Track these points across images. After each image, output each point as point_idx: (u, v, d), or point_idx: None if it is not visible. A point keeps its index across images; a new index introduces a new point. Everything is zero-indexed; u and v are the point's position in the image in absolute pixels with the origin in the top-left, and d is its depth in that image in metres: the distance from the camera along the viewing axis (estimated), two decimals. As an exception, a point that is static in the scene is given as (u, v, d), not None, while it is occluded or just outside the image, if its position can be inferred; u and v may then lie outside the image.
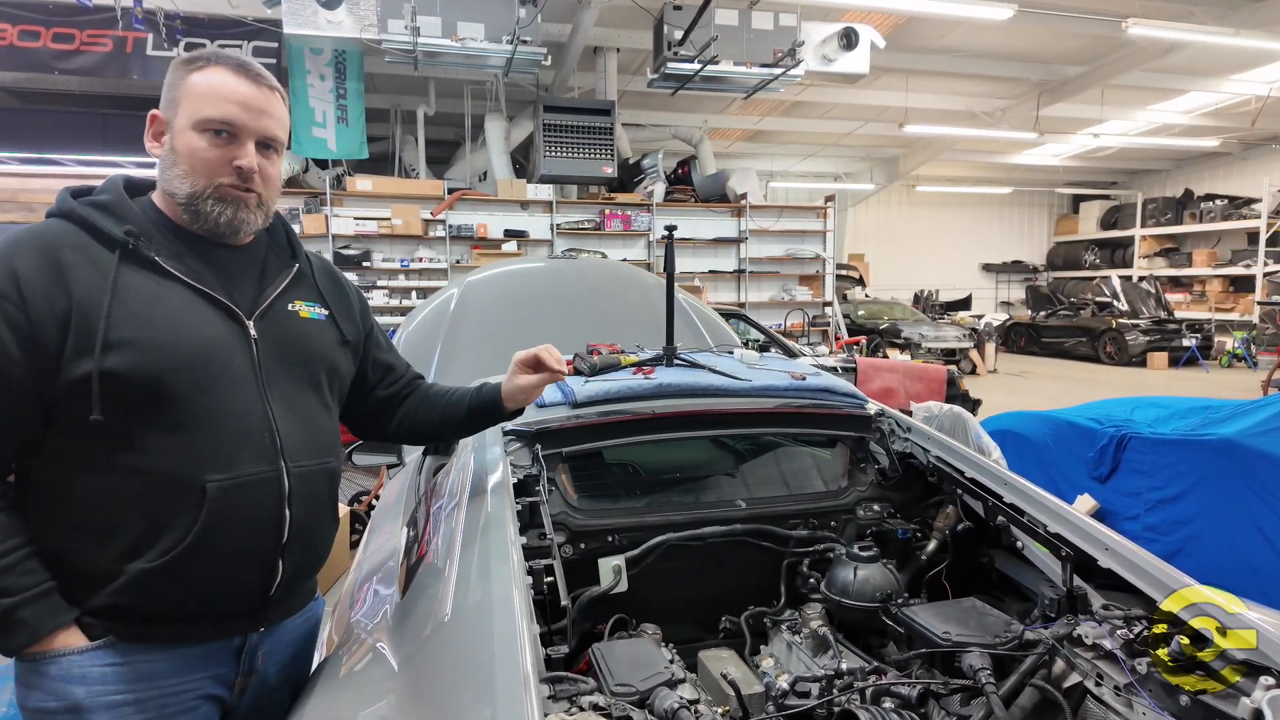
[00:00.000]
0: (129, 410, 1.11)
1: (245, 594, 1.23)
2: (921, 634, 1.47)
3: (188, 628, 1.19)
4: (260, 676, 1.29)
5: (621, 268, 4.10)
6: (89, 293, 1.11)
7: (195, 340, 1.17)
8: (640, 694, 1.20)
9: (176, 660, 1.18)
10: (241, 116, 1.21)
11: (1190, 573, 3.54)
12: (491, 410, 1.60)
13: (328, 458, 1.32)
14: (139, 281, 1.15)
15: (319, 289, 1.40)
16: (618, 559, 1.79)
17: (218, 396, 1.17)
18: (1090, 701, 1.34)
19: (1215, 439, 3.24)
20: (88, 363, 1.08)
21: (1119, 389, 11.26)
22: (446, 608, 1.26)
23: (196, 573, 1.15)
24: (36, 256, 1.11)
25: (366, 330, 1.51)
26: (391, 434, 1.62)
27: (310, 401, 1.32)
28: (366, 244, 9.59)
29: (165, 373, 1.12)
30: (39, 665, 1.12)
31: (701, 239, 11.18)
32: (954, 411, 3.49)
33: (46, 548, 1.13)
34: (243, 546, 1.19)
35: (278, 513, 1.21)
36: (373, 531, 2.47)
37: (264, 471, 1.20)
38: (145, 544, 1.13)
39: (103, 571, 1.13)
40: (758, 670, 1.71)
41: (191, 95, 1.20)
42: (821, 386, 2.08)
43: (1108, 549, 1.45)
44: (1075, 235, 20.62)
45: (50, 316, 1.09)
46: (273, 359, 1.26)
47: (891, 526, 1.98)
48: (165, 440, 1.13)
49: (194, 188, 1.20)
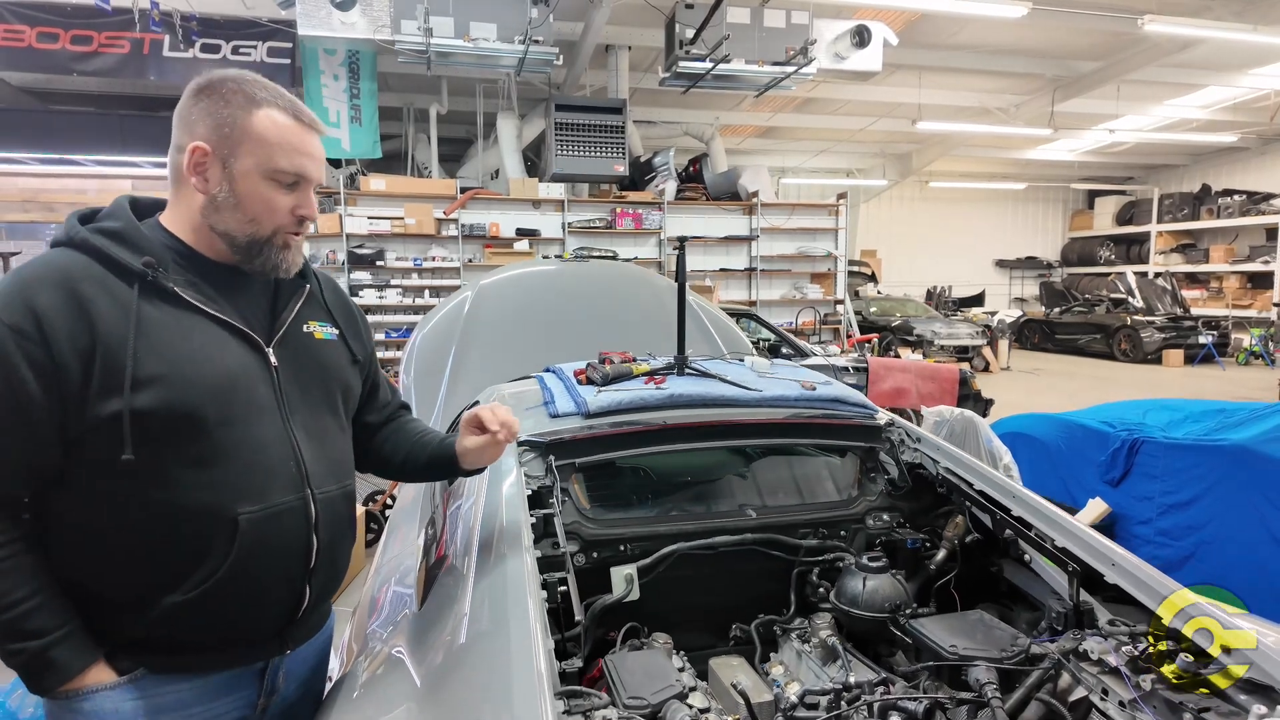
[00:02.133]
0: (159, 447, 1.11)
1: (274, 619, 1.25)
2: (929, 646, 1.49)
3: (218, 656, 1.21)
4: (281, 693, 1.31)
5: (632, 270, 4.12)
6: (112, 328, 1.09)
7: (220, 372, 1.16)
8: (652, 707, 1.23)
9: (204, 688, 1.20)
10: (310, 168, 1.23)
11: (1202, 578, 3.53)
12: (448, 465, 1.53)
13: (347, 480, 1.34)
14: (160, 314, 1.14)
15: (328, 308, 1.40)
16: (630, 568, 1.82)
17: (244, 428, 1.17)
18: (1095, 716, 1.36)
19: (1228, 445, 3.23)
20: (117, 402, 1.07)
21: (1133, 387, 11.18)
22: (463, 623, 1.29)
23: (229, 602, 1.17)
24: (56, 293, 1.08)
25: (371, 351, 1.51)
26: (362, 461, 1.55)
27: (329, 425, 1.33)
28: (380, 243, 9.66)
29: (194, 408, 1.12)
30: (72, 703, 1.12)
31: (713, 237, 11.17)
32: (965, 416, 3.49)
33: (74, 581, 1.13)
34: (274, 574, 1.21)
35: (306, 539, 1.23)
36: (390, 535, 2.51)
37: (292, 501, 1.21)
38: (179, 577, 1.13)
39: (134, 604, 1.13)
40: (767, 678, 1.74)
41: (258, 140, 1.17)
42: (832, 397, 2.10)
43: (1114, 564, 1.47)
44: (1090, 231, 20.44)
45: (73, 354, 1.07)
46: (292, 385, 1.26)
47: (901, 536, 2.00)
48: (196, 475, 1.13)
49: (258, 233, 1.21)
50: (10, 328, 1.05)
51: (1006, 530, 1.74)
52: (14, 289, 1.08)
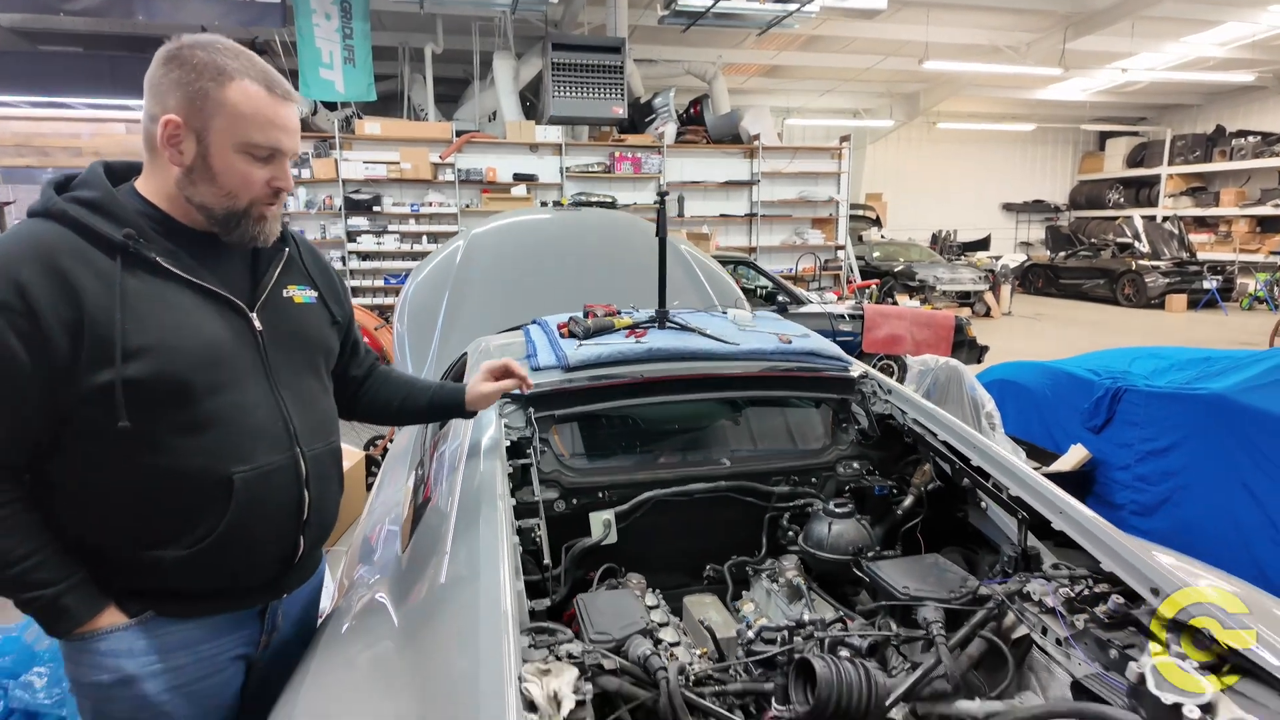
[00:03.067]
0: (151, 414, 1.14)
1: (270, 568, 1.32)
2: (883, 588, 1.58)
3: (220, 601, 1.28)
4: (280, 631, 1.41)
5: (626, 219, 4.12)
6: (97, 302, 1.11)
7: (206, 340, 1.19)
8: (616, 642, 1.31)
9: (210, 629, 1.28)
10: (285, 142, 1.23)
11: (1174, 523, 3.64)
12: (453, 409, 1.68)
13: (333, 437, 1.40)
14: (142, 285, 1.15)
15: (308, 271, 1.42)
16: (608, 513, 1.91)
17: (232, 392, 1.21)
18: (1035, 651, 1.46)
19: (1206, 394, 3.29)
20: (109, 373, 1.10)
21: (1133, 333, 11.19)
22: (442, 565, 1.38)
23: (228, 555, 1.23)
24: (37, 267, 1.09)
25: (349, 312, 1.54)
26: (353, 411, 1.65)
27: (313, 386, 1.37)
28: (376, 188, 9.59)
29: (183, 376, 1.15)
30: (87, 644, 1.19)
31: (713, 182, 11.06)
32: (949, 365, 3.55)
33: (79, 539, 1.18)
34: (269, 529, 1.28)
35: (298, 495, 1.29)
36: (384, 478, 2.61)
37: (282, 460, 1.26)
38: (179, 535, 1.19)
39: (138, 559, 1.19)
40: (738, 615, 1.84)
41: (230, 115, 1.17)
42: (807, 350, 2.15)
43: (1061, 512, 1.54)
44: (1100, 174, 20.08)
45: (60, 327, 1.09)
46: (276, 349, 1.29)
47: (870, 484, 2.08)
48: (189, 440, 1.17)
49: (234, 207, 1.22)
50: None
51: (965, 479, 1.81)
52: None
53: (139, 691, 1.22)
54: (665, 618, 1.76)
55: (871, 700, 1.21)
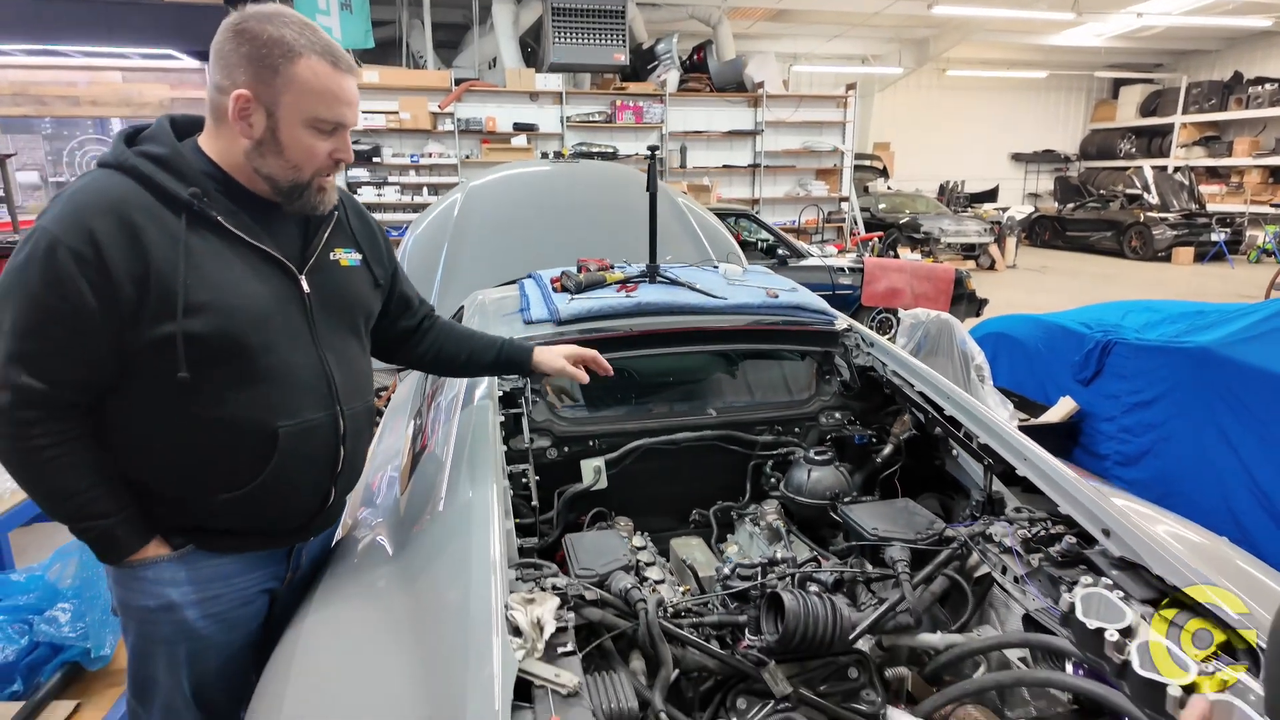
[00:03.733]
0: (208, 367, 1.21)
1: (303, 514, 1.41)
2: (854, 530, 1.67)
3: (255, 539, 1.38)
4: (302, 570, 1.52)
5: (622, 171, 4.13)
6: (163, 256, 1.17)
7: (260, 300, 1.25)
8: (600, 576, 1.41)
9: (244, 563, 1.38)
10: (349, 115, 1.28)
11: (1155, 473, 3.73)
12: (518, 366, 1.74)
13: (369, 396, 1.48)
14: (204, 243, 1.22)
15: (353, 233, 1.47)
16: (598, 460, 2.00)
17: (282, 352, 1.28)
18: (995, 589, 1.55)
19: (1192, 346, 3.35)
20: (170, 325, 1.16)
21: (1137, 286, 11.16)
22: (437, 507, 1.47)
23: (268, 501, 1.32)
24: (111, 220, 1.15)
25: (392, 269, 1.59)
26: (416, 361, 1.74)
27: (353, 347, 1.44)
28: (375, 139, 9.51)
29: (239, 334, 1.22)
30: (136, 571, 1.29)
31: (715, 131, 10.91)
32: (940, 318, 3.60)
33: (133, 479, 1.27)
34: (306, 479, 1.37)
35: (335, 449, 1.38)
36: (385, 425, 2.70)
37: (324, 417, 1.34)
38: (225, 480, 1.28)
39: (185, 500, 1.29)
40: (722, 556, 1.95)
41: (298, 91, 1.22)
42: (793, 304, 2.21)
43: (1025, 459, 1.62)
44: (1112, 122, 19.68)
45: (128, 279, 1.15)
46: (322, 310, 1.36)
47: (850, 433, 2.16)
48: (240, 393, 1.24)
49: (299, 179, 1.28)
50: (71, 250, 1.12)
51: (937, 428, 1.89)
52: (71, 213, 1.15)
53: (180, 617, 1.33)
54: (652, 558, 1.86)
55: (836, 631, 1.30)
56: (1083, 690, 1.14)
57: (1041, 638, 1.26)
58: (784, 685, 1.28)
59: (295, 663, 1.21)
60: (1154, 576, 1.31)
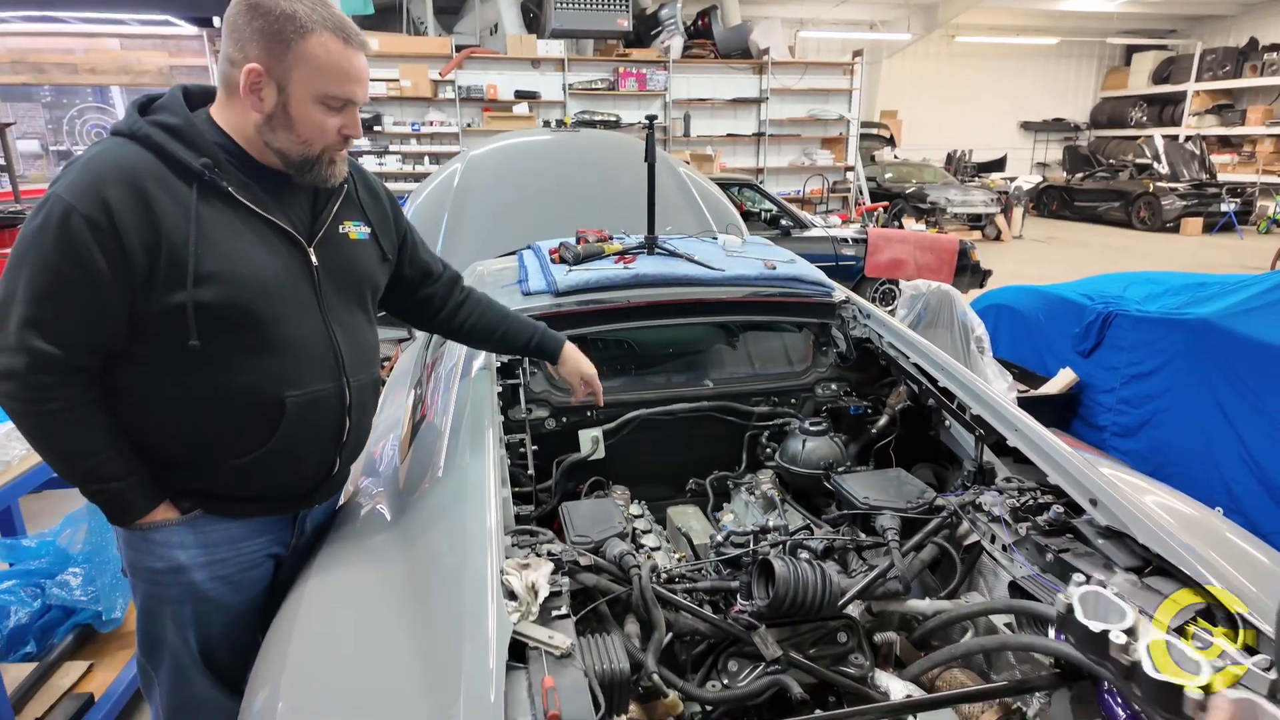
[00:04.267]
0: (218, 336, 1.23)
1: (309, 482, 1.44)
2: (846, 498, 1.70)
3: (261, 505, 1.40)
4: (305, 536, 1.55)
5: (623, 140, 4.10)
6: (175, 226, 1.18)
7: (269, 271, 1.27)
8: (595, 543, 1.44)
9: (250, 528, 1.41)
10: (359, 92, 1.28)
11: (1152, 443, 3.75)
12: (549, 356, 1.80)
13: (374, 368, 1.50)
14: (214, 214, 1.23)
15: (361, 206, 1.47)
16: (595, 430, 2.02)
17: (290, 323, 1.30)
18: (985, 556, 1.58)
19: (1192, 318, 3.34)
20: (181, 294, 1.18)
21: (1143, 257, 11.08)
22: (435, 475, 1.50)
23: (274, 468, 1.35)
24: (124, 188, 1.16)
25: (401, 237, 1.58)
26: (452, 332, 1.76)
27: (360, 320, 1.45)
28: (376, 107, 9.43)
29: (247, 304, 1.23)
30: (145, 534, 1.32)
31: (720, 99, 10.78)
32: (941, 290, 3.59)
33: (143, 443, 1.29)
34: (312, 448, 1.40)
35: (341, 420, 1.40)
36: (387, 395, 2.73)
37: (330, 388, 1.36)
38: (231, 447, 1.31)
39: (194, 464, 1.31)
40: (718, 524, 1.98)
41: (309, 67, 1.22)
42: (791, 275, 2.21)
43: (1016, 430, 1.64)
44: (1124, 90, 19.35)
45: (140, 247, 1.16)
46: (329, 283, 1.37)
47: (846, 404, 2.18)
48: (248, 361, 1.26)
49: (309, 154, 1.28)
50: (85, 218, 1.13)
51: (930, 399, 1.90)
52: (85, 181, 1.16)
53: (187, 579, 1.36)
54: (649, 525, 1.90)
55: (826, 597, 1.33)
56: (1065, 655, 1.17)
57: (1027, 604, 1.29)
58: (774, 649, 1.31)
59: (298, 623, 1.24)
60: (1139, 546, 1.33)
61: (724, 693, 1.29)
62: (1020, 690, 1.24)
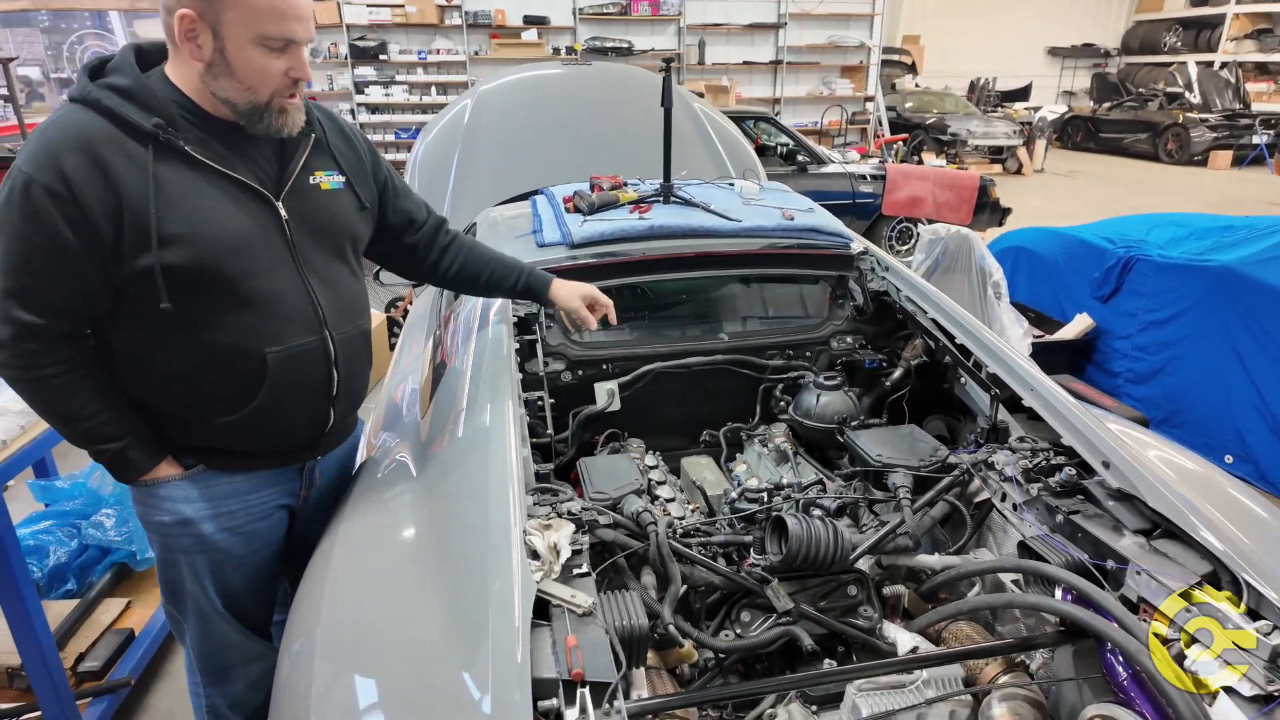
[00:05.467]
0: (189, 297, 1.23)
1: (305, 435, 1.46)
2: (859, 455, 1.72)
3: (261, 459, 1.43)
4: (318, 486, 1.58)
5: (638, 75, 3.98)
6: (134, 191, 1.17)
7: (235, 229, 1.25)
8: (613, 500, 1.47)
9: (255, 480, 1.44)
10: (299, 31, 1.22)
11: (1166, 390, 3.74)
12: (536, 295, 1.76)
13: (361, 319, 1.49)
14: (174, 174, 1.21)
15: (333, 155, 1.43)
16: (611, 383, 2.04)
17: (263, 279, 1.28)
18: (995, 516, 1.61)
19: (1214, 265, 3.29)
20: (148, 257, 1.18)
21: (1168, 193, 10.80)
22: (457, 432, 1.52)
23: (267, 423, 1.37)
24: (79, 155, 1.15)
25: (381, 185, 1.55)
26: (437, 278, 1.73)
27: (340, 271, 1.43)
28: (382, 34, 9.16)
29: (215, 263, 1.22)
30: (151, 489, 1.37)
31: (736, 25, 10.38)
32: (959, 233, 3.53)
33: (139, 400, 1.32)
34: (301, 402, 1.40)
35: (328, 373, 1.40)
36: (404, 341, 2.75)
37: (312, 341, 1.36)
38: (223, 403, 1.33)
39: (189, 421, 1.34)
40: (730, 474, 2.02)
41: (242, 7, 1.17)
42: (809, 226, 2.18)
43: (1032, 390, 1.64)
44: (1159, 13, 18.43)
45: (103, 213, 1.16)
46: (303, 236, 1.35)
47: (861, 358, 2.18)
48: (226, 319, 1.27)
49: (256, 100, 1.24)
50: (44, 188, 1.13)
51: (947, 356, 1.90)
52: (41, 150, 1.15)
53: (197, 531, 1.41)
54: (664, 476, 1.94)
55: (837, 553, 1.37)
56: (1070, 615, 1.20)
57: (1035, 564, 1.32)
58: (785, 601, 1.36)
59: (329, 579, 1.29)
60: (1149, 509, 1.35)
61: (736, 642, 1.34)
62: (1025, 647, 1.28)
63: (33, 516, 2.42)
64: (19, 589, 1.71)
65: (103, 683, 2.02)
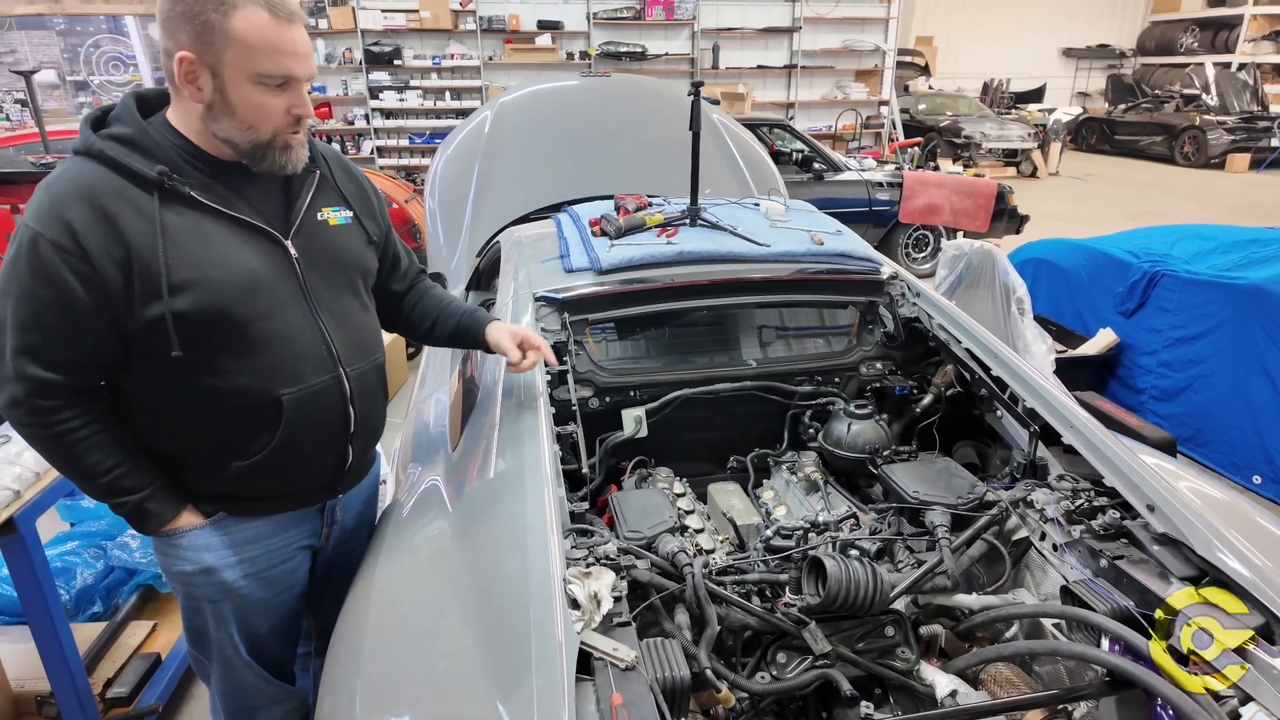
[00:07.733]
0: (202, 343, 1.22)
1: (324, 474, 1.45)
2: (895, 491, 1.69)
3: (281, 502, 1.42)
4: (340, 525, 1.57)
5: (657, 89, 3.96)
6: (141, 239, 1.16)
7: (245, 272, 1.24)
8: (648, 539, 1.46)
9: (275, 524, 1.43)
10: (296, 68, 1.21)
11: (1192, 408, 3.70)
12: (473, 339, 1.68)
13: (375, 354, 1.47)
14: (180, 220, 1.20)
15: (340, 191, 1.43)
16: (638, 410, 2.02)
17: (275, 320, 1.28)
18: (1033, 554, 1.58)
19: (1244, 284, 3.24)
20: (159, 306, 1.17)
21: (1185, 197, 10.69)
22: (489, 470, 1.51)
23: (284, 465, 1.36)
24: (84, 208, 1.14)
25: (386, 226, 1.55)
26: (395, 325, 1.69)
27: (352, 306, 1.42)
28: (396, 39, 9.17)
29: (226, 308, 1.22)
30: (172, 540, 1.36)
31: (750, 29, 10.34)
32: (983, 249, 3.50)
33: (156, 449, 1.32)
34: (319, 442, 1.39)
35: (344, 411, 1.39)
36: (424, 372, 2.72)
37: (326, 380, 1.35)
38: (240, 448, 1.32)
39: (207, 468, 1.33)
40: (758, 501, 2.00)
41: (239, 47, 1.16)
42: (838, 251, 2.16)
43: (1072, 427, 1.61)
44: (1176, 13, 18.25)
45: (110, 264, 1.15)
46: (313, 273, 1.34)
47: (891, 384, 2.16)
48: (238, 363, 1.26)
49: (258, 139, 1.23)
50: (51, 242, 1.13)
51: (983, 389, 1.87)
52: (46, 205, 1.15)
53: (219, 579, 1.40)
54: (691, 505, 1.92)
55: (876, 595, 1.35)
56: (1119, 668, 1.18)
57: (1080, 612, 1.29)
58: (823, 644, 1.34)
59: (369, 630, 1.28)
60: (1195, 555, 1.32)
61: (772, 685, 1.33)
62: (1070, 698, 1.26)
63: (59, 537, 2.43)
64: (52, 620, 1.71)
65: (131, 710, 2.02)
